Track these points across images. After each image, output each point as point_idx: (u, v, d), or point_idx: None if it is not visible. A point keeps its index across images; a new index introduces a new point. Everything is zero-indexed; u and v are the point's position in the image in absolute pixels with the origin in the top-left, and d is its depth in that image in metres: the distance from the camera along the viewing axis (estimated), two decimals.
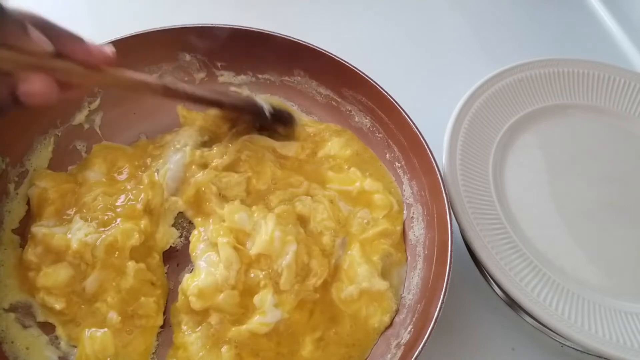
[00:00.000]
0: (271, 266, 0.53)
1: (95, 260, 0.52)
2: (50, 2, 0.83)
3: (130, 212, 0.56)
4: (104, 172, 0.60)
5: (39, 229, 0.53)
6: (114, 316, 0.51)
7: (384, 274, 0.56)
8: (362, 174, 0.62)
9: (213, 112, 0.63)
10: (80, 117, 0.62)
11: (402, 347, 0.49)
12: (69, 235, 0.53)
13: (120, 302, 0.52)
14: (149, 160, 0.62)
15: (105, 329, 0.51)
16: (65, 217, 0.56)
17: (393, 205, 0.60)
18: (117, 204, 0.57)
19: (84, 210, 0.55)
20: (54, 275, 0.51)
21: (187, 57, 0.65)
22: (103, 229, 0.54)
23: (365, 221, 0.59)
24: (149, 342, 0.52)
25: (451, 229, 0.51)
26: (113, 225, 0.54)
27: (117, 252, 0.53)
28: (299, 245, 0.53)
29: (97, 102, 0.63)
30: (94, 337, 0.50)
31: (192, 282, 0.52)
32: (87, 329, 0.51)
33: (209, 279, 0.52)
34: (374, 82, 0.60)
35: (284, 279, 0.52)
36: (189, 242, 0.57)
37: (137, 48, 0.61)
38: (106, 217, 0.55)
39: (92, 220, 0.55)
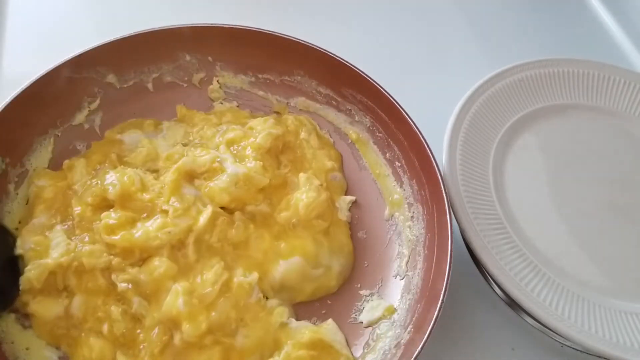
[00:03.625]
0: None
1: (70, 285, 0.51)
2: (51, 2, 0.83)
3: None
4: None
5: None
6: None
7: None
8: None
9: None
10: (80, 117, 0.62)
11: (402, 347, 0.49)
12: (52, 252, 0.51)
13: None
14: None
15: (104, 339, 0.49)
16: (53, 217, 0.55)
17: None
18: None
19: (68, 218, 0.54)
20: (46, 308, 0.50)
21: (187, 57, 0.65)
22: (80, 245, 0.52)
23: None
24: None
25: (451, 229, 0.51)
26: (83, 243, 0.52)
27: (87, 276, 0.51)
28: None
29: (97, 102, 0.63)
30: (91, 345, 0.49)
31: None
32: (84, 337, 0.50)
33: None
34: (374, 81, 0.60)
35: None
36: None
37: (137, 48, 0.61)
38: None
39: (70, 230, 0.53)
